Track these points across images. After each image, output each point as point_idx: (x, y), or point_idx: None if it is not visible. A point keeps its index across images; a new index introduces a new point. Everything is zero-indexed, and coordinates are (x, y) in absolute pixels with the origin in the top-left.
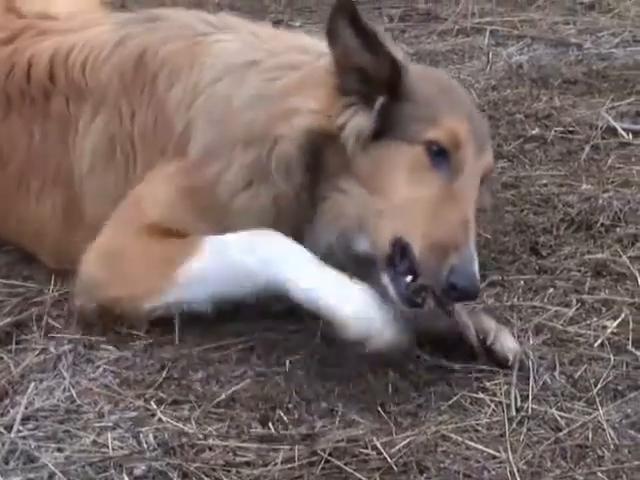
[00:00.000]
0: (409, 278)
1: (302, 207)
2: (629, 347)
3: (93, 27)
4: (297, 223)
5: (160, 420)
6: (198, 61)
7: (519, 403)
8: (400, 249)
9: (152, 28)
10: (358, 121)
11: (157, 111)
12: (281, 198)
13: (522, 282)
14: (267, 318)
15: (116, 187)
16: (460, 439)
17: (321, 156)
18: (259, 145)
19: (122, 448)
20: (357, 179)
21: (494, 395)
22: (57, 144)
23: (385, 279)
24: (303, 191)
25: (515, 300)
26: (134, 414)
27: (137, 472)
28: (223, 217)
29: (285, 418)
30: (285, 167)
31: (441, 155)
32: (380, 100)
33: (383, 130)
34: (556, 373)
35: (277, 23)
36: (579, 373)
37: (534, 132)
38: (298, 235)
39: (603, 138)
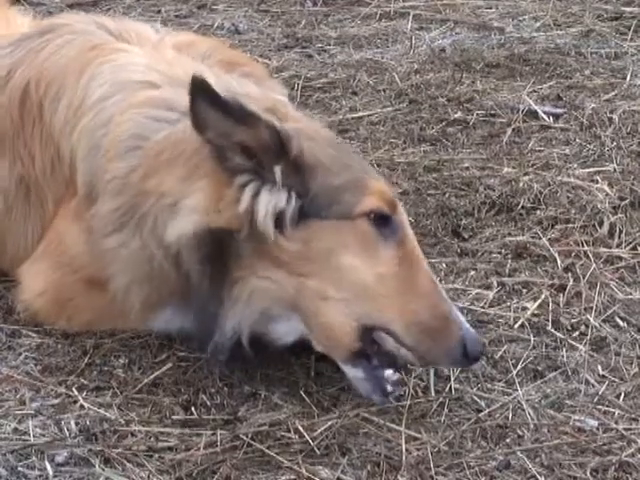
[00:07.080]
0: (390, 372)
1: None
2: (549, 328)
3: None
4: (185, 294)
5: (82, 407)
6: (87, 74)
7: (440, 385)
8: (371, 340)
9: (42, 45)
10: (269, 201)
11: (49, 143)
12: (160, 268)
13: (444, 265)
14: None
15: (36, 223)
16: (382, 421)
17: (224, 245)
18: (131, 200)
19: (44, 435)
20: (277, 264)
21: (415, 377)
22: None
23: (358, 373)
24: (200, 278)
25: None
26: (56, 401)
27: (59, 459)
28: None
29: (208, 402)
30: (174, 261)
31: (384, 223)
32: (278, 169)
33: (304, 208)
34: None
35: (201, 8)
36: (499, 354)
37: (456, 115)
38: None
39: (524, 121)
